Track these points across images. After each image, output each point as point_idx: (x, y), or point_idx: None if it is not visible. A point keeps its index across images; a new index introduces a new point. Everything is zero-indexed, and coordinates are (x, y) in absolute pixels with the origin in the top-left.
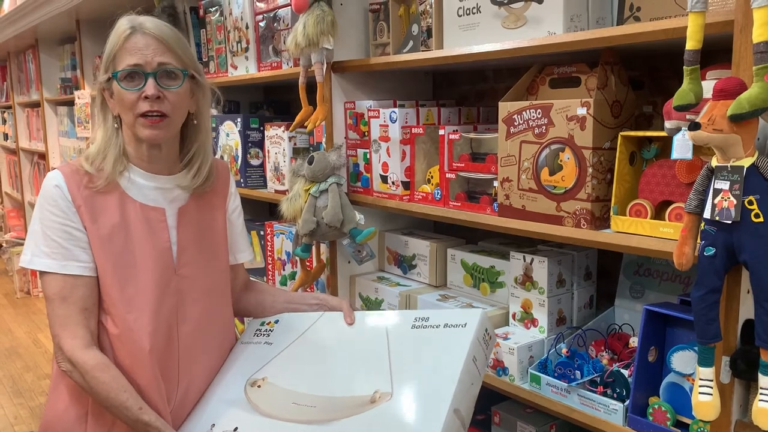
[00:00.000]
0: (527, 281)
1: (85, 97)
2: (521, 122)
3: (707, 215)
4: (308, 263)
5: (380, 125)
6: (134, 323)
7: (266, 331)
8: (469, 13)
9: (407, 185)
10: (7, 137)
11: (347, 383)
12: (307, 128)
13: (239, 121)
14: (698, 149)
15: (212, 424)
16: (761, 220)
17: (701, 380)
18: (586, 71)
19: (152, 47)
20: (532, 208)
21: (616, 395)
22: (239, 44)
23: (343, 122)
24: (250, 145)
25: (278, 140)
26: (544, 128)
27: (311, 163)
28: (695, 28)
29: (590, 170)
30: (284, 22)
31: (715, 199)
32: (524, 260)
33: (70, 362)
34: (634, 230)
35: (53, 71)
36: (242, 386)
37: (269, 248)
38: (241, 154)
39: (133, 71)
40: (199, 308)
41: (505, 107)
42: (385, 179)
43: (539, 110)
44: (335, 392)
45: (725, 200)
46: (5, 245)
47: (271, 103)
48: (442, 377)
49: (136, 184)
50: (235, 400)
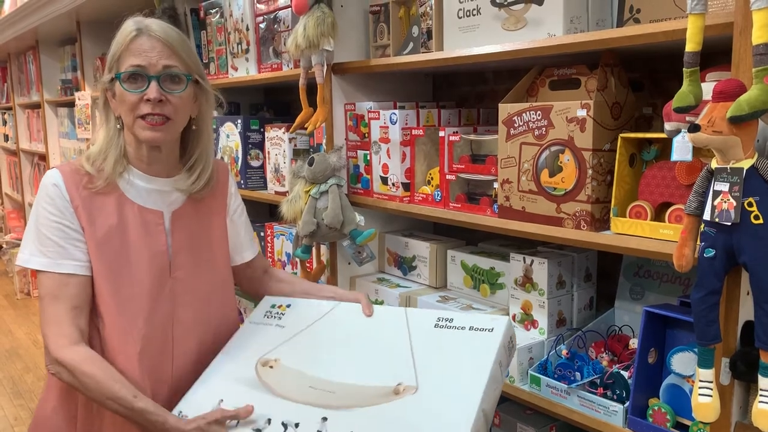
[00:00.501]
0: (527, 283)
1: (85, 98)
2: (521, 124)
3: (707, 217)
4: (308, 264)
5: (380, 127)
6: (127, 325)
7: (277, 313)
8: (469, 14)
9: (407, 187)
10: (7, 138)
11: (368, 373)
12: (307, 130)
13: (239, 122)
14: (698, 151)
15: (220, 399)
16: (761, 221)
17: (701, 382)
18: (586, 73)
19: (157, 50)
20: (532, 209)
21: (616, 397)
22: (240, 46)
23: (343, 124)
24: (250, 146)
25: (278, 142)
26: (544, 130)
27: (311, 164)
28: (695, 30)
29: (590, 172)
30: (284, 23)
31: (714, 200)
32: (524, 262)
33: (57, 362)
34: (633, 232)
35: (54, 72)
36: (253, 365)
37: (269, 249)
38: (241, 155)
39: (136, 72)
40: (194, 312)
41: (505, 109)
42: (385, 181)
43: (539, 112)
44: (355, 380)
45: (725, 202)
46: (5, 246)
47: (271, 104)
48: (470, 377)
49: (134, 185)
50: (245, 378)
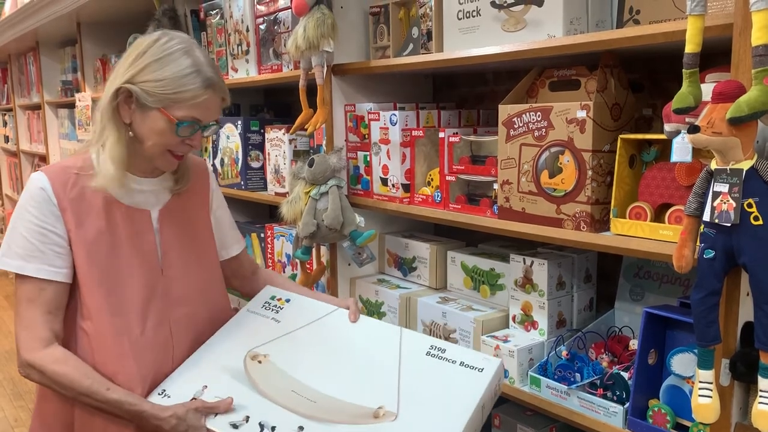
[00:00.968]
0: (527, 284)
1: (85, 99)
2: (521, 125)
3: (707, 218)
4: (308, 266)
5: (380, 128)
6: (121, 326)
7: (275, 306)
8: (469, 16)
9: (407, 188)
10: (7, 139)
11: (351, 389)
12: (307, 131)
13: (240, 123)
14: (698, 152)
15: (204, 385)
16: (760, 222)
17: (701, 383)
18: (585, 74)
19: (216, 108)
20: (532, 210)
21: (615, 398)
22: (240, 47)
23: (343, 125)
24: (250, 147)
25: (278, 143)
26: (543, 131)
27: (311, 165)
28: (694, 31)
29: (590, 173)
30: (285, 24)
31: (714, 201)
32: (524, 263)
33: (27, 365)
34: (633, 233)
35: (54, 74)
36: (242, 357)
37: (269, 251)
38: (241, 156)
39: (193, 123)
40: (188, 308)
41: (504, 110)
42: (385, 182)
43: (539, 113)
44: (337, 394)
45: (724, 203)
46: None
47: (271, 105)
48: (450, 418)
49: (125, 187)
50: (232, 368)
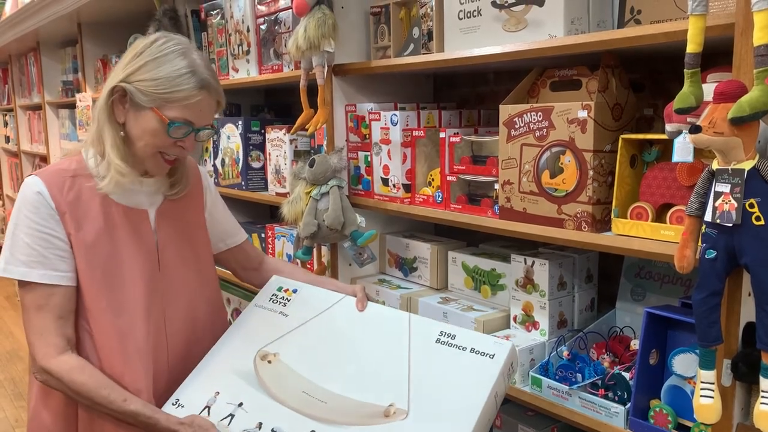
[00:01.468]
0: (528, 284)
1: (86, 99)
2: (522, 125)
3: (708, 218)
4: (309, 266)
5: (381, 128)
6: (126, 328)
7: (283, 299)
8: (469, 16)
9: (408, 188)
10: (8, 140)
11: (361, 386)
12: (308, 131)
13: (240, 123)
14: (699, 152)
15: (217, 391)
16: (762, 223)
17: (702, 383)
18: (586, 74)
19: (210, 109)
20: (533, 210)
21: (617, 398)
22: (240, 47)
23: (344, 125)
24: (251, 147)
25: (279, 143)
26: (544, 131)
27: (312, 165)
28: (696, 31)
29: (591, 173)
30: (285, 25)
31: (716, 202)
32: (525, 263)
33: (44, 371)
34: (635, 233)
35: (55, 74)
36: (252, 357)
37: (270, 251)
38: (242, 156)
39: (185, 125)
40: (185, 306)
41: (506, 110)
42: (386, 182)
43: (540, 113)
44: (347, 392)
45: (726, 203)
46: None
47: (272, 105)
48: (462, 412)
49: (122, 187)
50: (243, 371)
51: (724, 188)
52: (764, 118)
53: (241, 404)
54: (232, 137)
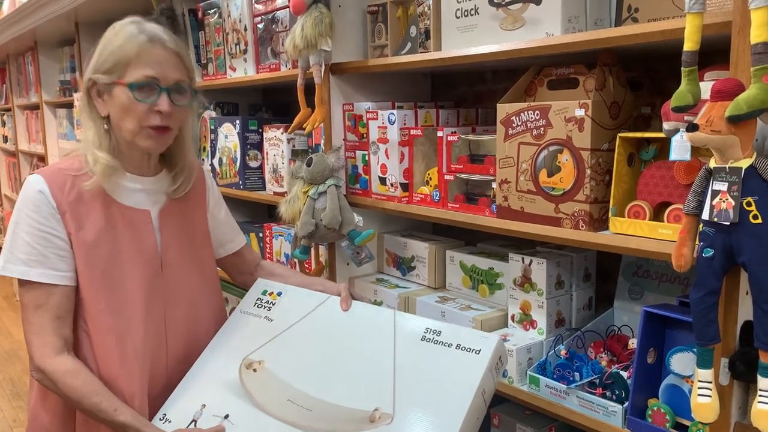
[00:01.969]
0: (526, 283)
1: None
2: (519, 124)
3: (706, 216)
4: (307, 265)
5: (379, 127)
6: (124, 329)
7: (267, 303)
8: (467, 14)
9: (406, 187)
10: (6, 140)
11: (347, 390)
12: (305, 130)
13: (238, 123)
14: (696, 150)
15: (203, 404)
16: (759, 221)
17: (700, 382)
18: (584, 72)
19: (171, 62)
20: (530, 209)
21: (615, 397)
22: (238, 46)
23: (341, 124)
24: (248, 147)
25: (277, 142)
26: (542, 130)
27: (310, 165)
28: (693, 29)
29: (588, 172)
30: (282, 24)
31: (713, 200)
32: (523, 262)
33: (39, 371)
34: (632, 232)
35: (52, 74)
36: (237, 365)
37: (268, 250)
38: (239, 156)
39: (150, 84)
40: (185, 308)
41: (503, 109)
42: (383, 181)
43: (537, 112)
44: (333, 398)
45: (723, 201)
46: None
47: (269, 105)
48: (448, 412)
49: (120, 186)
50: (228, 381)
51: (721, 186)
52: (762, 116)
53: (227, 416)
54: (229, 136)
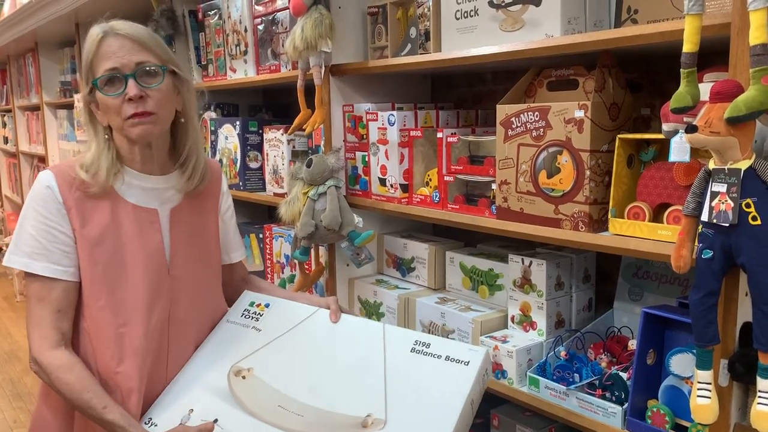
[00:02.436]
0: (526, 284)
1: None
2: (519, 125)
3: (705, 218)
4: (307, 266)
5: (378, 128)
6: (123, 327)
7: (255, 314)
8: (466, 16)
9: (406, 188)
10: (7, 141)
11: (338, 397)
12: (305, 131)
13: (238, 124)
14: (696, 151)
15: (190, 409)
16: (758, 222)
17: (699, 383)
18: (583, 74)
19: (126, 47)
20: (530, 210)
21: (614, 398)
22: (238, 47)
23: (341, 125)
24: (249, 148)
25: (277, 143)
26: (541, 131)
27: (310, 166)
28: (692, 30)
29: (588, 173)
30: (283, 25)
31: (712, 201)
32: (523, 263)
33: (36, 363)
34: (632, 233)
35: (53, 75)
36: (225, 373)
37: (268, 251)
38: (239, 157)
39: (112, 76)
40: (190, 308)
41: (503, 110)
42: (383, 182)
43: (537, 113)
44: (324, 404)
45: (722, 203)
46: (4, 249)
47: (269, 106)
48: (439, 419)
49: (130, 185)
50: (217, 387)
51: (720, 188)
52: (761, 117)
53: (216, 421)
54: (229, 137)
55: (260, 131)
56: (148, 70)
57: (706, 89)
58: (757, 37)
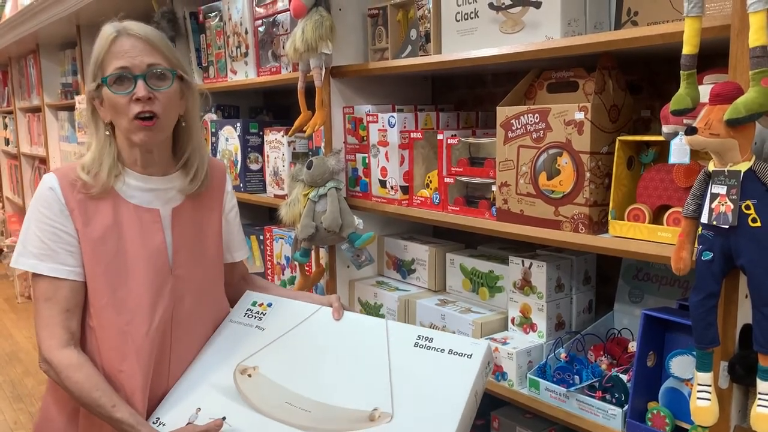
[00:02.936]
0: (526, 286)
1: (85, 102)
2: (519, 127)
3: (704, 220)
4: (307, 268)
5: (379, 130)
6: (126, 325)
7: (258, 313)
8: (467, 18)
9: (406, 190)
10: (8, 142)
11: (344, 392)
12: (306, 133)
13: (239, 125)
14: (696, 153)
15: (198, 408)
16: (758, 224)
17: (699, 385)
18: (583, 76)
19: (139, 48)
20: (530, 212)
21: (614, 400)
22: (239, 49)
23: (341, 127)
24: (249, 149)
25: (277, 145)
26: (541, 133)
27: (310, 167)
28: (692, 32)
29: (588, 175)
30: (283, 27)
31: (712, 203)
32: (523, 265)
33: (46, 362)
34: (632, 235)
35: (54, 76)
36: (231, 372)
37: (268, 253)
38: (240, 158)
39: (122, 75)
40: (193, 308)
41: (503, 112)
42: (383, 184)
43: (537, 115)
44: (331, 400)
45: (722, 205)
46: (6, 250)
47: (270, 107)
48: (445, 411)
49: (131, 186)
50: (223, 386)
51: (720, 190)
52: (760, 119)
53: (224, 418)
54: (230, 139)
55: (261, 133)
56: (157, 72)
57: (705, 91)
58: (756, 39)
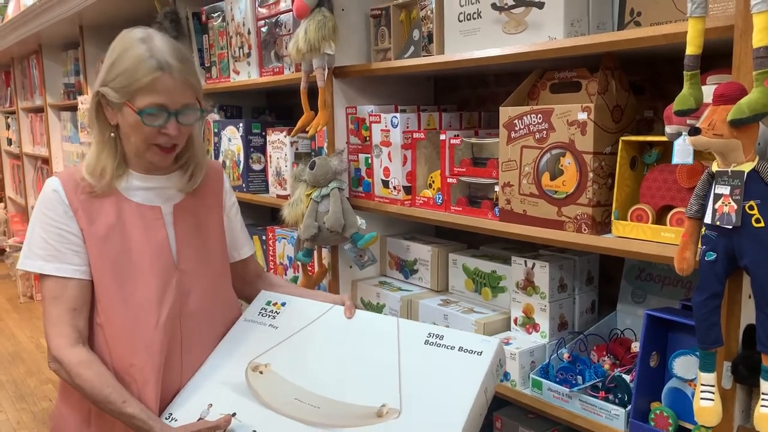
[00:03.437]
0: (529, 286)
1: (88, 102)
2: (522, 127)
3: (708, 220)
4: (310, 268)
5: (381, 130)
6: (134, 320)
7: (272, 312)
8: (469, 18)
9: (409, 190)
10: (11, 142)
11: (353, 389)
12: (308, 133)
13: (241, 126)
14: (699, 154)
15: (209, 404)
16: (762, 225)
17: (703, 385)
18: (586, 76)
19: (179, 89)
20: (533, 212)
21: (617, 400)
22: (241, 50)
23: (344, 127)
24: (252, 150)
25: (280, 145)
26: (544, 133)
27: (313, 168)
28: (695, 33)
29: (591, 175)
30: (286, 27)
31: (715, 204)
32: (526, 265)
33: (56, 361)
34: (635, 235)
35: (57, 77)
36: (243, 369)
37: (271, 253)
38: (243, 159)
39: (157, 111)
40: (201, 302)
41: (506, 112)
42: (386, 184)
43: (540, 115)
44: (340, 396)
45: (726, 205)
46: (9, 250)
47: (273, 108)
48: (453, 407)
49: (132, 185)
50: (234, 383)
51: (723, 190)
52: (764, 120)
53: (234, 414)
54: (233, 139)
55: (263, 133)
56: (189, 110)
57: (709, 91)
58: (760, 39)
